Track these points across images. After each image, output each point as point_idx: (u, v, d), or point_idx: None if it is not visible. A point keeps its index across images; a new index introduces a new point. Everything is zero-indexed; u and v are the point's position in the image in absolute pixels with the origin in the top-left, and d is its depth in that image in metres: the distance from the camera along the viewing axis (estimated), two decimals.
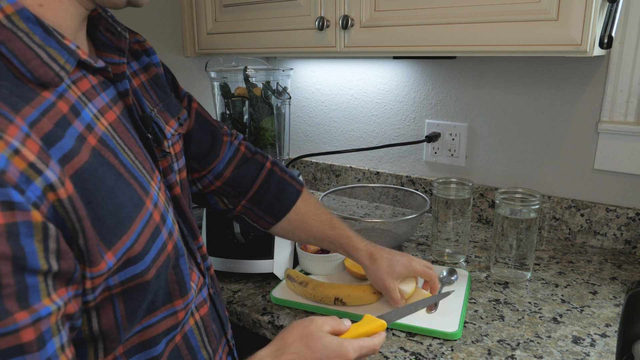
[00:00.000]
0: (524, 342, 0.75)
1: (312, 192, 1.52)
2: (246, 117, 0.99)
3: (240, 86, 1.00)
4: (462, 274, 0.93)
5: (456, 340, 0.76)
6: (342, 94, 1.42)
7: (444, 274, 0.93)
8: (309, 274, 0.95)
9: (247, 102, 0.98)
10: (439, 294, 0.81)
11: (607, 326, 0.79)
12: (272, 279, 0.95)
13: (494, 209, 0.98)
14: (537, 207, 0.90)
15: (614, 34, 0.80)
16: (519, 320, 0.81)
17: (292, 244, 0.99)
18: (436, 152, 1.29)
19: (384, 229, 1.08)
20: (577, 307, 0.85)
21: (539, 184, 1.17)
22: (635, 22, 0.97)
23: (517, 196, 0.93)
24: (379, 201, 1.33)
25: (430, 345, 0.75)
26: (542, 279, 0.95)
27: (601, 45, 0.81)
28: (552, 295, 0.89)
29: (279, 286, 0.91)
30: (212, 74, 1.02)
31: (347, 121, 1.44)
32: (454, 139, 1.25)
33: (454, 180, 1.01)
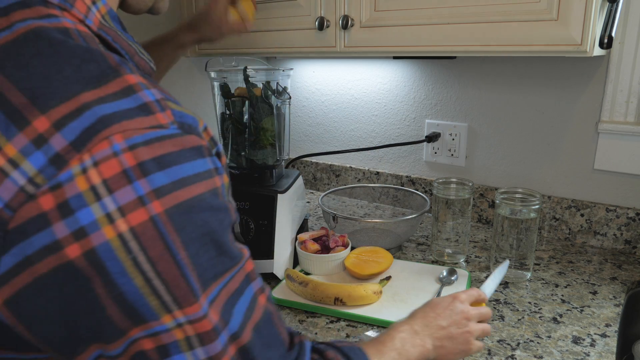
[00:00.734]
0: (524, 342, 0.75)
1: (312, 192, 1.52)
2: (246, 117, 0.99)
3: (240, 86, 0.99)
4: (462, 274, 0.93)
5: None
6: (342, 94, 1.42)
7: (444, 274, 0.93)
8: (309, 274, 0.95)
9: (247, 102, 0.98)
10: (498, 270, 0.79)
11: (607, 326, 0.79)
12: (272, 279, 0.95)
13: (494, 209, 0.98)
14: (537, 207, 0.90)
15: (614, 34, 0.80)
16: (519, 320, 0.81)
17: (292, 244, 0.99)
18: (436, 152, 1.29)
19: (384, 229, 1.08)
20: (577, 307, 0.85)
21: (539, 184, 1.17)
22: (635, 22, 0.97)
23: (517, 196, 0.93)
24: (379, 201, 1.34)
25: None
26: (542, 279, 0.95)
27: (601, 45, 0.81)
28: (552, 295, 0.89)
29: (279, 286, 0.91)
30: (212, 74, 1.02)
31: (347, 121, 1.44)
32: (454, 139, 1.25)
33: (454, 180, 1.01)
